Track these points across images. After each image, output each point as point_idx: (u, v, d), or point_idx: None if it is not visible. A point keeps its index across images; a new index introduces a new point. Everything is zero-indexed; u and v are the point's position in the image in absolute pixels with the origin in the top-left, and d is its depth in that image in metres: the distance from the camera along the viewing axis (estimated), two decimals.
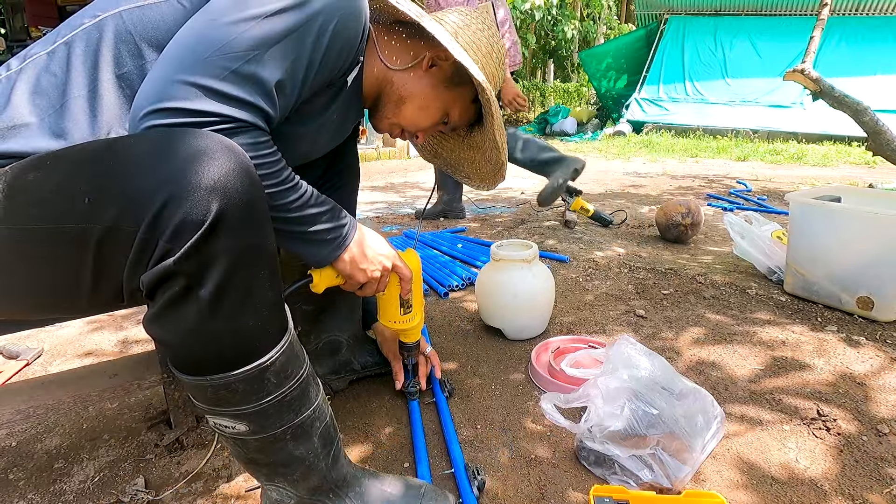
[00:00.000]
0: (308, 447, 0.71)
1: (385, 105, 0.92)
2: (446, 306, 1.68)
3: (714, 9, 9.30)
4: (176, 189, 0.54)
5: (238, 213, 0.57)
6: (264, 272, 0.61)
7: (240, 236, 0.58)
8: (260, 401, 0.64)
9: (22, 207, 0.58)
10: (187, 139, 0.57)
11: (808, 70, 2.44)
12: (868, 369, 1.24)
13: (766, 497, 0.87)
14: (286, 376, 0.66)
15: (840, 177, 4.63)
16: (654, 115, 8.69)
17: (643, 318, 1.55)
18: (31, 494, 0.91)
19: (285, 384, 0.66)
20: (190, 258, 0.55)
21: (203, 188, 0.55)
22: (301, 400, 0.68)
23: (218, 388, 0.61)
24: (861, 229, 1.46)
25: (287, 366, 0.66)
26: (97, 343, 1.50)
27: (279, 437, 0.67)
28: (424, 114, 0.92)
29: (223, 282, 0.57)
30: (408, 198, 3.76)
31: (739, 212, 2.95)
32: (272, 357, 0.63)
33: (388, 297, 0.99)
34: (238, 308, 0.59)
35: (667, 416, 0.89)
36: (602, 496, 0.82)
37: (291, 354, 0.67)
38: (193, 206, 0.54)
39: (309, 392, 0.70)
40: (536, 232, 2.53)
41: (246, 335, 0.61)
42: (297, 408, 0.68)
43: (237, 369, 0.61)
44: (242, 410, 0.64)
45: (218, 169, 0.56)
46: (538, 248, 1.48)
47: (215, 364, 0.61)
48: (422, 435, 1.02)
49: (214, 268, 0.56)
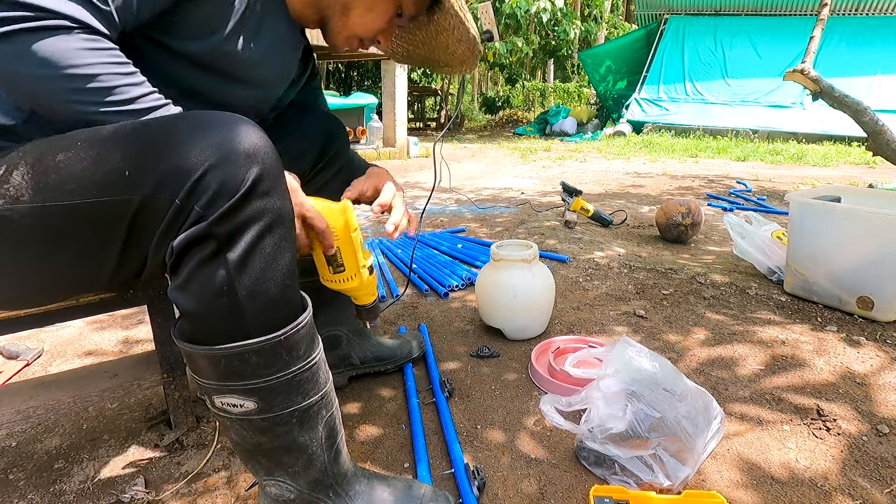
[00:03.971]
0: (312, 435, 0.71)
1: (332, 19, 0.88)
2: (446, 306, 1.68)
3: (714, 9, 9.30)
4: (218, 155, 0.58)
5: (269, 178, 0.60)
6: (286, 241, 0.64)
7: (269, 201, 0.61)
8: (271, 375, 0.65)
9: (56, 185, 0.60)
10: (216, 115, 0.61)
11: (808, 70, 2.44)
12: (868, 369, 1.24)
13: (767, 497, 0.87)
14: (298, 355, 0.66)
15: (840, 177, 4.63)
16: (654, 115, 8.70)
17: (643, 318, 1.55)
18: (31, 494, 0.91)
19: (296, 363, 0.66)
20: (224, 220, 0.58)
21: (242, 154, 0.59)
22: (311, 383, 0.69)
23: (231, 359, 0.62)
24: (861, 229, 1.46)
25: (300, 344, 0.66)
26: (97, 343, 1.50)
27: (285, 418, 0.68)
28: (374, 14, 0.87)
29: (252, 245, 0.60)
30: (408, 198, 3.76)
31: (739, 212, 2.95)
32: (288, 332, 0.64)
33: (315, 253, 0.90)
34: (263, 274, 0.61)
35: (668, 419, 0.89)
36: (602, 496, 0.83)
37: (306, 334, 0.67)
38: (234, 172, 0.58)
39: (318, 377, 0.71)
40: (536, 232, 2.53)
41: (266, 304, 0.63)
42: (306, 391, 0.69)
43: (254, 338, 0.62)
44: (253, 385, 0.64)
45: (252, 137, 0.60)
46: (538, 248, 1.48)
47: (232, 332, 0.62)
48: (422, 435, 1.02)
49: (247, 231, 0.59)
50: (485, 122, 13.92)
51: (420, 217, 2.95)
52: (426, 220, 2.94)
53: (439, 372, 1.26)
